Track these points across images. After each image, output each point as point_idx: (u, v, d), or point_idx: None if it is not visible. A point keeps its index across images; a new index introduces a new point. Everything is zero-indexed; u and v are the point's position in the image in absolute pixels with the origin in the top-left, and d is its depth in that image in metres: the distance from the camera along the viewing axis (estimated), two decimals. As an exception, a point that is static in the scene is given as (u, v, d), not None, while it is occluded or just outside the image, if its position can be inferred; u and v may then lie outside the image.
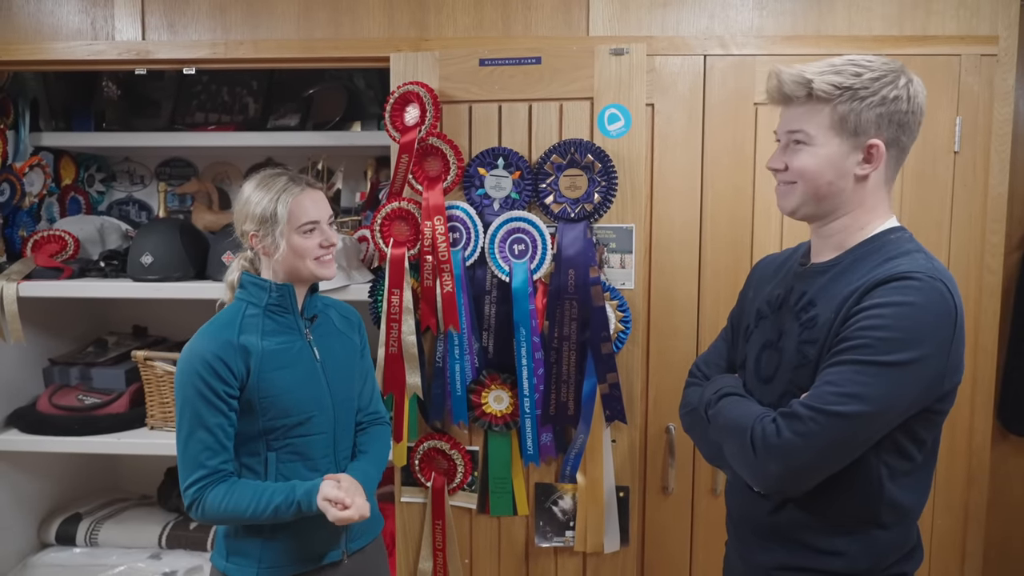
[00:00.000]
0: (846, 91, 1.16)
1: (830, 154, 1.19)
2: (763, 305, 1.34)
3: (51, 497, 2.48)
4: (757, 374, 1.31)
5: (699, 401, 1.37)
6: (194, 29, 2.06)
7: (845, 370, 1.11)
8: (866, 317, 1.11)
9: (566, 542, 1.93)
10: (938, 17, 1.93)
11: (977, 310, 1.98)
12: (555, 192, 1.83)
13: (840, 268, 1.22)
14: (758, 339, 1.32)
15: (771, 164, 1.27)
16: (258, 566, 1.52)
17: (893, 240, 1.21)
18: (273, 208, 1.48)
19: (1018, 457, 2.49)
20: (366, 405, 1.69)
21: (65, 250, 2.30)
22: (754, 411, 1.22)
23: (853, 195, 1.21)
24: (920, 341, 1.09)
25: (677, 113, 1.97)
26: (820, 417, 1.11)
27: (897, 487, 1.19)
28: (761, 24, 1.96)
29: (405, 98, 1.85)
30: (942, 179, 1.95)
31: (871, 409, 1.10)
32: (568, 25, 1.99)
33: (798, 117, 1.21)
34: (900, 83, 1.17)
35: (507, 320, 1.86)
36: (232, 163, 2.69)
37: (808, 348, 1.19)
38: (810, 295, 1.23)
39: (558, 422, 1.88)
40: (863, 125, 1.17)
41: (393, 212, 1.89)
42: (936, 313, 1.11)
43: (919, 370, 1.10)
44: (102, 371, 2.35)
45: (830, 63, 1.19)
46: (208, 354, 1.44)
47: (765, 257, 1.49)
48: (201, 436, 1.43)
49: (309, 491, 1.44)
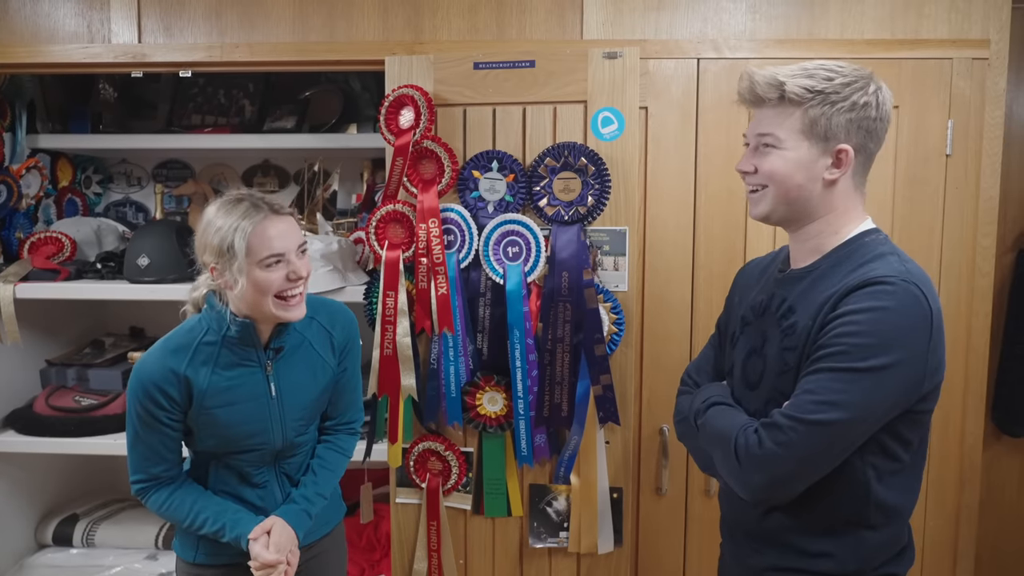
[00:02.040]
0: (818, 95, 1.16)
1: (800, 157, 1.19)
2: (747, 312, 1.35)
3: (48, 498, 2.48)
4: (744, 381, 1.32)
5: (689, 410, 1.38)
6: (190, 32, 2.07)
7: (822, 378, 1.12)
8: (841, 324, 1.12)
9: (560, 543, 1.94)
10: (930, 20, 1.95)
11: (969, 313, 1.99)
12: (549, 195, 1.84)
13: (817, 274, 1.22)
14: (744, 346, 1.33)
15: (740, 167, 1.26)
16: (196, 550, 1.56)
17: (867, 243, 1.21)
18: (231, 239, 1.34)
19: (1011, 458, 2.51)
20: (338, 415, 1.67)
21: (62, 252, 2.31)
22: (738, 421, 1.23)
23: (824, 199, 1.21)
24: (895, 345, 1.10)
25: (670, 116, 1.98)
26: (800, 426, 1.12)
27: (884, 488, 1.19)
28: (754, 28, 1.97)
29: (400, 101, 1.86)
30: (934, 182, 1.96)
31: (849, 415, 1.10)
32: (562, 28, 2.00)
33: (769, 120, 1.21)
34: (870, 90, 1.18)
35: (501, 322, 1.87)
36: (229, 165, 2.70)
37: (789, 355, 1.20)
38: (789, 301, 1.24)
39: (552, 424, 1.89)
40: (833, 129, 1.17)
41: (388, 215, 1.90)
42: (910, 316, 1.11)
43: (896, 374, 1.10)
44: (99, 372, 2.35)
45: (802, 67, 1.19)
46: (149, 383, 1.43)
47: (749, 262, 1.50)
48: (141, 449, 1.48)
49: (237, 539, 1.48)
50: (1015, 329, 2.41)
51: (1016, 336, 2.41)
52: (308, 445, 1.63)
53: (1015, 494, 2.52)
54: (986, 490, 2.45)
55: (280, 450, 1.56)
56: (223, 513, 1.50)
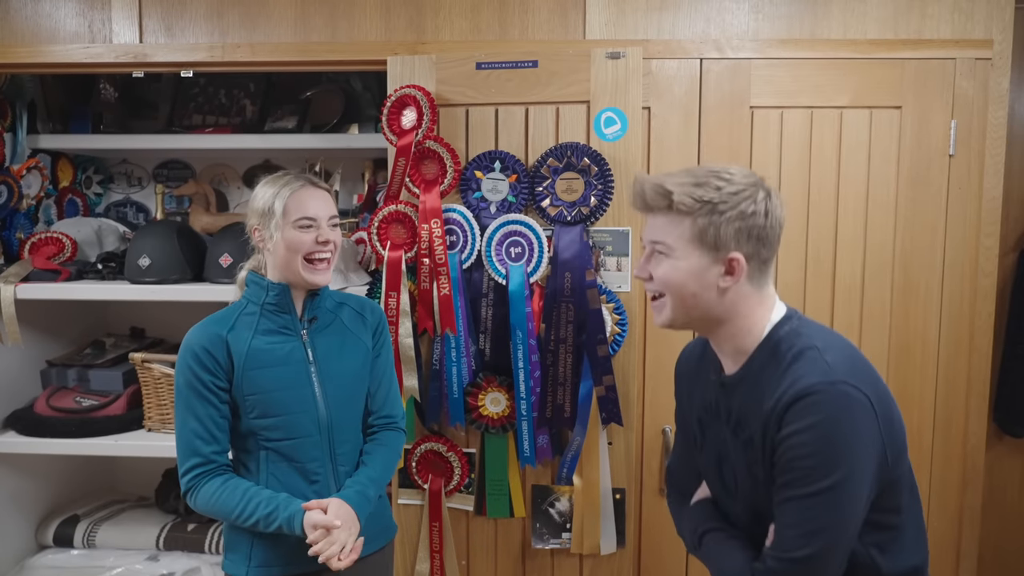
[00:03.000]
0: (705, 204, 1.14)
1: (691, 266, 1.16)
2: (702, 413, 1.32)
3: (49, 499, 2.48)
4: (722, 487, 1.30)
5: (683, 530, 1.39)
6: (191, 32, 2.07)
7: (793, 508, 1.12)
8: (789, 448, 1.11)
9: (563, 544, 1.93)
10: (933, 21, 1.94)
11: (972, 313, 1.99)
12: (551, 195, 1.84)
13: (749, 382, 1.20)
14: (711, 451, 1.31)
15: (637, 273, 1.25)
16: (248, 564, 1.53)
17: (783, 338, 1.18)
18: (272, 202, 1.51)
19: (1013, 458, 2.50)
20: (379, 408, 1.64)
21: (63, 252, 2.30)
22: (735, 566, 1.22)
23: (723, 306, 1.19)
24: (846, 455, 1.09)
25: (673, 116, 1.98)
26: (793, 565, 1.12)
27: (891, 558, 1.18)
28: (757, 28, 1.97)
29: (402, 101, 1.85)
30: (937, 182, 1.96)
31: (834, 535, 1.10)
32: (565, 29, 1.99)
33: (660, 227, 1.18)
34: (759, 197, 1.15)
35: (504, 323, 1.87)
36: (230, 165, 2.69)
37: (756, 469, 1.19)
38: (736, 413, 1.22)
39: (555, 424, 1.89)
40: (723, 239, 1.14)
41: (390, 215, 1.89)
42: (850, 420, 1.10)
43: (858, 479, 1.10)
44: (100, 373, 2.35)
45: (692, 174, 1.17)
46: (196, 346, 1.50)
47: (683, 352, 1.45)
48: (192, 425, 1.49)
49: (291, 518, 1.45)
50: (1017, 329, 2.41)
51: (1018, 336, 2.41)
52: (357, 433, 1.61)
53: (1017, 494, 2.52)
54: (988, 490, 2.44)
55: (328, 427, 1.54)
56: (276, 496, 1.48)
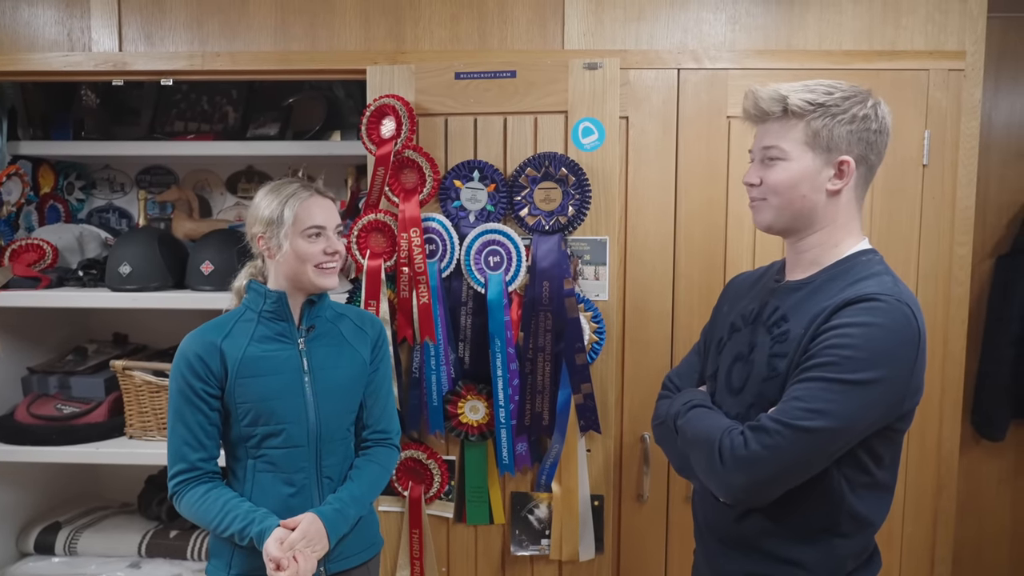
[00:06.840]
0: (819, 107, 1.21)
1: (803, 168, 1.24)
2: (737, 319, 1.37)
3: (30, 506, 2.47)
4: (727, 385, 1.34)
5: (668, 413, 1.40)
6: (171, 41, 2.07)
7: (812, 386, 1.15)
8: (833, 336, 1.15)
9: (542, 550, 1.95)
10: (907, 32, 1.97)
11: (946, 320, 2.01)
12: (530, 205, 1.85)
13: (813, 287, 1.26)
14: (730, 351, 1.36)
15: (747, 179, 1.31)
16: (228, 570, 1.53)
17: (864, 262, 1.25)
18: (280, 211, 1.51)
19: (989, 462, 2.54)
20: (374, 423, 1.64)
21: (43, 259, 2.29)
22: (722, 423, 1.26)
23: (826, 210, 1.25)
24: (884, 361, 1.14)
25: (651, 126, 1.99)
26: (787, 431, 1.15)
27: (857, 498, 1.23)
28: (734, 38, 1.99)
29: (381, 111, 1.86)
30: (911, 192, 1.98)
31: (835, 425, 1.14)
32: (544, 38, 2.01)
33: (773, 133, 1.26)
34: (868, 104, 1.23)
35: (483, 331, 1.88)
36: (212, 171, 2.69)
37: (778, 361, 1.23)
38: (783, 310, 1.27)
39: (533, 432, 1.90)
40: (835, 141, 1.22)
41: (369, 224, 1.90)
42: (900, 335, 1.15)
43: (882, 389, 1.14)
44: (81, 380, 2.34)
45: (804, 83, 1.25)
46: (189, 353, 1.51)
47: (740, 274, 1.53)
48: (181, 432, 1.50)
49: (261, 533, 1.44)
50: (995, 333, 2.44)
51: (996, 340, 2.44)
52: (346, 446, 1.60)
53: (994, 497, 2.55)
54: (965, 494, 2.48)
55: (317, 438, 1.53)
56: (253, 511, 1.47)
